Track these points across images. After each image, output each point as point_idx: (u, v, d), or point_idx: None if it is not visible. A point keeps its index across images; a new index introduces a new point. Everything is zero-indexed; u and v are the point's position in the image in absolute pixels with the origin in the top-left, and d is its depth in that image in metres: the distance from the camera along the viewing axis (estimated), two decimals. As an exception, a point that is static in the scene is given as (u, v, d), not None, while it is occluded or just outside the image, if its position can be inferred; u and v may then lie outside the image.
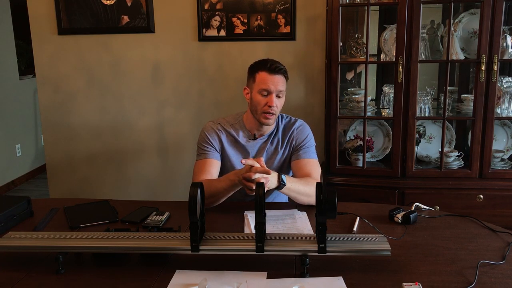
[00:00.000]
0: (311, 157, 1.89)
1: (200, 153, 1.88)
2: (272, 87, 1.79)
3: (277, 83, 1.80)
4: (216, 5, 2.75)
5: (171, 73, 2.90)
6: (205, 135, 1.89)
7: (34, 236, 1.42)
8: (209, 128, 1.91)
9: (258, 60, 1.87)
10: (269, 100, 1.79)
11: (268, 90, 1.79)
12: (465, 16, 2.43)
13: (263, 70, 1.80)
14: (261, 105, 1.80)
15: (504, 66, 2.59)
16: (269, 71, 1.79)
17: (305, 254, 1.28)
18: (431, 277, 1.25)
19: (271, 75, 1.79)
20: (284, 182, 1.64)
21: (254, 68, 1.85)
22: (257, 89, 1.81)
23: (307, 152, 1.89)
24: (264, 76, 1.79)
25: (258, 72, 1.81)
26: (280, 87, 1.81)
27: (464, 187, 2.34)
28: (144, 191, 3.06)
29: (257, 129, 1.89)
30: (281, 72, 1.81)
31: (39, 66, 2.96)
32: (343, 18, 2.37)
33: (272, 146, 1.92)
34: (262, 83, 1.79)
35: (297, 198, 1.74)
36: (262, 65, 1.81)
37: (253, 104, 1.83)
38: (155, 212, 1.70)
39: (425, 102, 2.43)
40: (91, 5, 2.82)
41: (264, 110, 1.80)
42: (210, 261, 1.35)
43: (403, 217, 1.61)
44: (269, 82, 1.79)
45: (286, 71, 1.83)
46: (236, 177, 1.63)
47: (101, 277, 1.29)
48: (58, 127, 3.03)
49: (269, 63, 1.80)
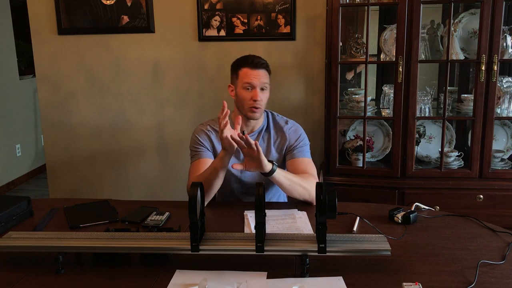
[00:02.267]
0: (305, 156, 1.92)
1: (193, 155, 1.91)
2: (256, 81, 1.83)
3: (260, 77, 1.84)
4: (216, 5, 2.75)
5: (171, 73, 2.90)
6: (196, 137, 1.92)
7: (34, 236, 1.42)
8: (199, 130, 1.94)
9: (240, 57, 1.91)
10: (253, 94, 1.83)
11: (252, 84, 1.83)
12: (465, 16, 2.43)
13: (245, 66, 1.85)
14: (246, 100, 1.84)
15: (504, 66, 2.59)
16: (252, 66, 1.84)
17: (305, 254, 1.28)
18: (431, 277, 1.25)
19: (254, 70, 1.84)
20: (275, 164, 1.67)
21: (236, 65, 1.90)
22: (241, 84, 1.85)
23: (302, 151, 1.92)
24: (246, 71, 1.84)
25: (241, 69, 1.86)
26: (263, 80, 1.85)
27: (464, 187, 2.33)
28: (144, 191, 3.06)
29: (245, 126, 1.92)
30: (263, 67, 1.86)
31: (39, 66, 2.96)
32: (343, 18, 2.37)
33: (264, 143, 1.94)
34: (245, 77, 1.84)
35: (292, 188, 1.74)
36: (244, 61, 1.87)
37: (239, 100, 1.87)
38: (155, 212, 1.70)
39: (425, 102, 2.43)
40: (91, 5, 2.82)
41: (250, 104, 1.84)
42: (210, 261, 1.35)
43: (403, 217, 1.61)
44: (252, 77, 1.83)
45: (268, 65, 1.89)
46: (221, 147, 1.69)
47: (101, 277, 1.29)
48: (58, 127, 3.03)
49: (251, 59, 1.86)
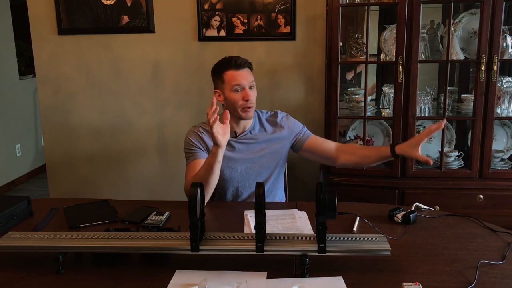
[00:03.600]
0: (310, 134, 2.01)
1: (188, 157, 1.92)
2: (244, 81, 1.83)
3: (246, 77, 1.85)
4: (216, 5, 2.75)
5: (171, 73, 2.90)
6: (188, 140, 1.93)
7: (34, 236, 1.42)
8: (191, 133, 1.95)
9: (219, 61, 1.90)
10: (244, 94, 1.83)
11: (241, 85, 1.83)
12: (465, 16, 2.43)
13: (229, 69, 1.84)
14: (238, 102, 1.84)
15: (504, 66, 2.59)
16: (236, 67, 1.84)
17: (305, 254, 1.28)
18: (431, 277, 1.26)
19: (239, 71, 1.84)
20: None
21: (218, 69, 1.88)
22: (229, 88, 1.84)
23: (306, 132, 2.00)
24: (232, 74, 1.84)
25: (225, 72, 1.85)
26: (250, 78, 1.86)
27: (464, 187, 2.33)
28: (144, 191, 3.06)
29: (237, 126, 1.93)
30: (247, 65, 1.87)
31: (39, 66, 2.96)
32: (343, 18, 2.37)
33: (260, 140, 1.95)
34: (233, 80, 1.83)
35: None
36: (227, 63, 1.86)
37: (229, 103, 1.86)
38: (155, 212, 1.70)
39: (425, 102, 2.43)
40: (91, 5, 2.82)
41: (242, 105, 1.84)
42: (210, 261, 1.35)
43: (403, 217, 1.61)
44: (239, 78, 1.83)
45: (250, 63, 1.89)
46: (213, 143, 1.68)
47: (101, 277, 1.29)
48: (58, 127, 3.03)
49: (233, 60, 1.85)
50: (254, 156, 1.93)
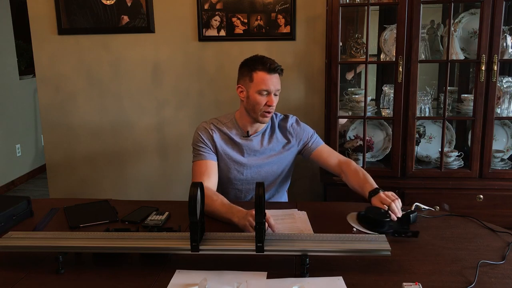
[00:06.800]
0: (320, 143, 1.99)
1: (196, 154, 1.90)
2: (272, 87, 1.80)
3: (276, 83, 1.81)
4: (216, 5, 2.75)
5: (171, 73, 2.90)
6: (199, 135, 1.90)
7: (34, 236, 1.42)
8: (202, 128, 1.92)
9: (252, 57, 1.84)
10: (269, 100, 1.80)
11: (269, 91, 1.79)
12: (465, 16, 2.43)
13: (262, 70, 1.78)
14: (260, 105, 1.80)
15: (504, 66, 2.59)
16: (269, 71, 1.78)
17: (305, 254, 1.28)
18: (431, 277, 1.26)
19: (270, 75, 1.79)
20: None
21: (250, 66, 1.81)
22: (256, 89, 1.79)
23: (316, 141, 1.98)
24: (263, 76, 1.78)
25: (256, 71, 1.79)
26: (278, 86, 1.83)
27: (464, 187, 2.33)
28: (144, 191, 3.06)
29: (250, 126, 1.91)
30: (279, 71, 1.82)
31: (39, 66, 2.96)
32: (343, 18, 2.37)
33: (270, 143, 1.93)
34: (262, 83, 1.78)
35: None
36: (260, 63, 1.79)
37: (251, 103, 1.82)
38: (155, 212, 1.70)
39: (425, 102, 2.43)
40: (91, 5, 2.82)
41: (264, 109, 1.81)
42: (210, 261, 1.35)
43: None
44: (269, 83, 1.78)
45: (282, 69, 1.84)
46: (238, 220, 1.54)
47: (101, 277, 1.29)
48: (58, 127, 3.03)
49: (268, 63, 1.78)
50: (262, 162, 1.92)
